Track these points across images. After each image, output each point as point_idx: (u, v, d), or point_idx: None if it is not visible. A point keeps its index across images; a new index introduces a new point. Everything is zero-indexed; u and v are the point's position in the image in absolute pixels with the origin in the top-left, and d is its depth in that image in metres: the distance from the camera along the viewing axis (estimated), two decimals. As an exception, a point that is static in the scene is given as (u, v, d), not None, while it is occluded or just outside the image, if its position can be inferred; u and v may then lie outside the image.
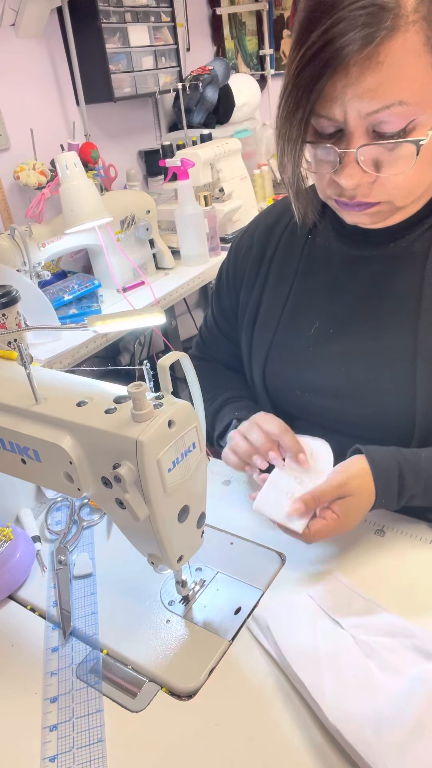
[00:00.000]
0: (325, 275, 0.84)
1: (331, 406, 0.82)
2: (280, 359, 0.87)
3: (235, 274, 0.96)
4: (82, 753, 0.55)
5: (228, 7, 2.86)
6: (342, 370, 0.80)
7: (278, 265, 0.89)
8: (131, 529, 0.60)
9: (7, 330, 0.83)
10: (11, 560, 0.73)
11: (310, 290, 0.86)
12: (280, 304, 0.88)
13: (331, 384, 0.81)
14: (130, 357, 2.28)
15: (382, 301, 0.78)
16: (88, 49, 2.06)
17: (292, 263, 0.88)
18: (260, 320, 0.91)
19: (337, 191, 0.69)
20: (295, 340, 0.86)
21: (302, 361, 0.84)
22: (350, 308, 0.81)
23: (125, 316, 0.68)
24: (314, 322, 0.84)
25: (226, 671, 0.60)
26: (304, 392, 0.85)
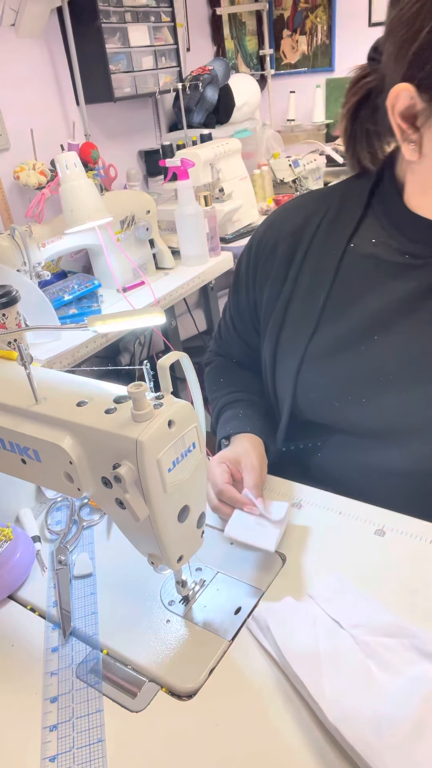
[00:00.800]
0: (369, 282, 0.79)
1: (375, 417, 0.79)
2: (314, 372, 0.83)
3: (256, 273, 0.91)
4: (82, 753, 0.55)
5: (228, 7, 2.86)
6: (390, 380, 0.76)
7: (311, 272, 0.84)
8: (131, 529, 0.60)
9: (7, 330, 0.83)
10: (11, 560, 0.73)
11: (351, 298, 0.80)
12: (315, 312, 0.82)
13: (378, 396, 0.77)
14: (130, 357, 2.28)
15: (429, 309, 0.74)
16: (88, 49, 2.06)
17: (328, 270, 0.82)
18: (288, 329, 0.85)
19: None
20: (333, 351, 0.81)
21: (342, 373, 0.80)
22: (399, 315, 0.76)
23: (125, 316, 0.68)
24: (355, 330, 0.79)
25: (226, 671, 0.60)
26: (343, 405, 0.80)
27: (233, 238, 2.16)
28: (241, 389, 0.97)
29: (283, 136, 2.93)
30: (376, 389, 0.78)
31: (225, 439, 0.89)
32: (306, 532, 0.76)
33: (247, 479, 0.78)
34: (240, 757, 0.53)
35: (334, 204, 0.84)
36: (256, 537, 0.72)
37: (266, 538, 0.72)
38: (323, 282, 0.82)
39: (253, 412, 0.92)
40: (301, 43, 3.10)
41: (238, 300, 0.96)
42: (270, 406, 0.94)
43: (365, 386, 0.79)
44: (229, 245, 2.12)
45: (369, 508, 0.78)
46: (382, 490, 0.80)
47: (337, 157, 2.69)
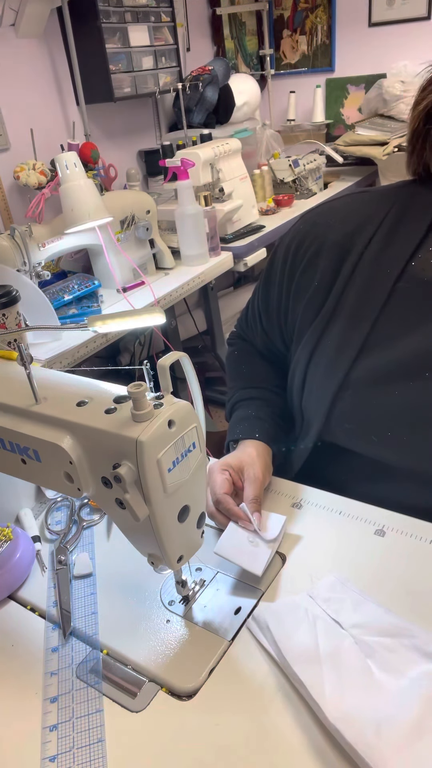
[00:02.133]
0: (425, 311, 0.71)
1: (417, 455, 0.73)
2: (354, 402, 0.76)
3: (292, 281, 0.83)
4: (82, 753, 0.55)
5: (228, 7, 2.86)
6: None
7: (357, 294, 0.75)
8: (131, 529, 0.60)
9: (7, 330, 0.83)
10: (11, 560, 0.73)
11: (402, 329, 0.72)
12: (356, 342, 0.75)
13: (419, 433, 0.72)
14: (130, 357, 2.28)
15: None
16: (88, 49, 2.06)
17: (377, 295, 0.74)
18: (324, 354, 0.78)
19: None
20: (378, 382, 0.74)
21: (385, 407, 0.73)
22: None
23: (125, 316, 0.68)
24: (404, 363, 0.72)
25: (226, 671, 0.60)
26: (381, 439, 0.74)
27: (233, 238, 2.16)
28: (259, 383, 0.93)
29: (283, 136, 2.93)
30: (420, 429, 0.72)
31: (233, 442, 0.86)
32: (306, 532, 0.76)
33: (248, 491, 0.76)
34: (240, 757, 0.53)
35: (393, 213, 0.75)
36: (245, 558, 0.70)
37: (255, 560, 0.70)
38: (373, 304, 0.74)
39: (265, 414, 0.87)
40: (301, 43, 3.10)
41: (268, 299, 0.89)
42: (287, 408, 0.92)
43: (408, 425, 0.73)
44: (229, 245, 2.12)
45: (369, 508, 0.78)
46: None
47: (337, 157, 2.69)
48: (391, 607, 0.63)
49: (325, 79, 3.10)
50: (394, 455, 0.76)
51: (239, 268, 2.10)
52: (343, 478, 0.85)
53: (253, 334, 0.99)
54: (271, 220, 2.32)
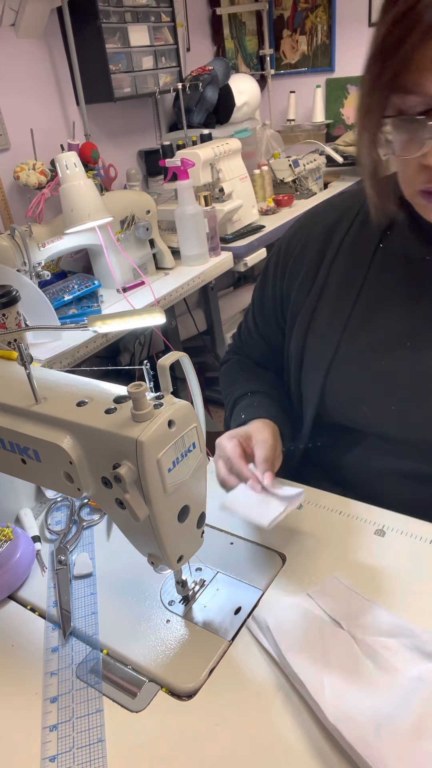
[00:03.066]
0: (401, 284, 0.77)
1: (405, 423, 0.77)
2: (344, 375, 0.81)
3: (285, 271, 0.89)
4: (82, 753, 0.55)
5: (228, 7, 2.86)
6: (418, 386, 0.74)
7: (341, 271, 0.82)
8: (131, 529, 0.60)
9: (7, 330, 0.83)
10: (11, 560, 0.73)
11: (382, 300, 0.79)
12: (344, 312, 0.80)
13: (404, 401, 0.76)
14: (130, 357, 2.29)
15: None
16: (88, 49, 2.06)
17: (358, 269, 0.80)
18: (317, 329, 0.84)
19: (427, 178, 0.62)
20: (364, 354, 0.79)
21: (372, 377, 0.78)
22: (429, 320, 0.74)
23: (125, 316, 0.68)
24: (387, 334, 0.77)
25: (226, 671, 0.60)
26: (373, 409, 0.78)
27: (233, 238, 2.16)
28: (258, 383, 0.94)
29: (283, 136, 2.93)
30: (407, 397, 0.76)
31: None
32: (306, 532, 0.76)
33: (258, 453, 0.75)
34: (240, 757, 0.53)
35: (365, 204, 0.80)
36: (254, 512, 0.68)
37: (264, 514, 0.68)
38: (355, 280, 0.80)
39: (269, 402, 0.89)
40: (301, 43, 3.10)
41: (264, 297, 0.94)
42: (288, 403, 0.93)
43: (396, 393, 0.77)
44: (229, 245, 2.12)
45: (369, 508, 0.78)
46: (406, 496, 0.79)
47: (337, 157, 2.69)
48: (391, 607, 0.63)
49: (325, 79, 3.10)
50: (385, 425, 0.79)
51: (239, 268, 2.10)
52: (342, 458, 0.86)
53: (249, 348, 1.02)
54: (271, 220, 2.32)
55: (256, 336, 0.98)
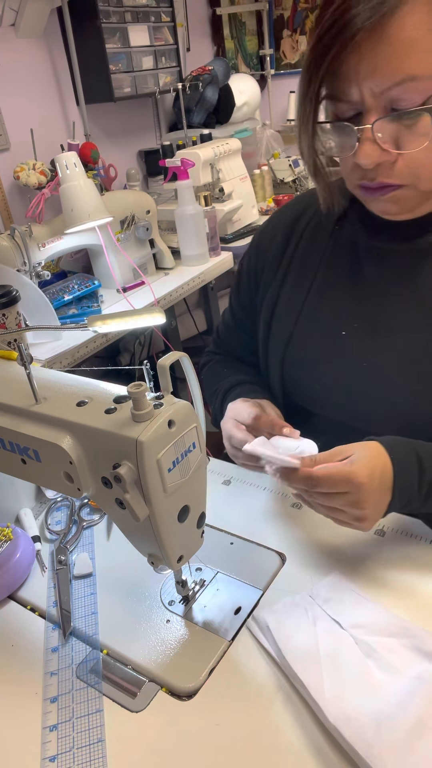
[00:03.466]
0: (350, 268, 0.82)
1: (350, 402, 0.81)
2: (299, 352, 0.86)
3: (257, 266, 0.94)
4: (82, 753, 0.55)
5: (228, 7, 2.86)
6: (364, 366, 0.78)
7: (301, 257, 0.88)
8: (131, 529, 0.60)
9: (7, 330, 0.83)
10: (11, 560, 0.73)
11: (333, 283, 0.84)
12: (302, 295, 0.86)
13: (353, 380, 0.80)
14: (130, 357, 2.28)
15: (409, 297, 0.77)
16: (88, 49, 2.06)
17: (315, 255, 0.86)
18: (279, 311, 0.89)
19: (360, 175, 0.68)
20: (317, 334, 0.84)
21: (323, 356, 0.83)
22: (375, 303, 0.79)
23: (125, 316, 0.68)
24: (337, 315, 0.82)
25: (226, 671, 0.60)
26: (323, 387, 0.83)
27: (233, 238, 2.16)
28: (245, 375, 0.96)
29: (283, 136, 2.92)
30: (352, 374, 0.80)
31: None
32: (306, 532, 0.76)
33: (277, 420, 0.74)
34: (240, 757, 0.53)
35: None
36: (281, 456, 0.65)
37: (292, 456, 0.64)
38: (310, 267, 0.86)
39: (261, 389, 0.92)
40: (301, 43, 3.09)
41: (240, 291, 0.99)
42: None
43: (342, 370, 0.81)
44: (229, 245, 2.12)
45: (369, 508, 0.78)
46: None
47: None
48: (391, 607, 0.63)
49: (325, 79, 3.09)
50: (336, 405, 0.83)
51: (239, 268, 2.10)
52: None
53: (228, 343, 1.04)
54: (270, 219, 2.32)
55: (235, 330, 1.02)
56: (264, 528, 0.78)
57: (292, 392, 0.88)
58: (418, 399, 0.74)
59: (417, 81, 0.59)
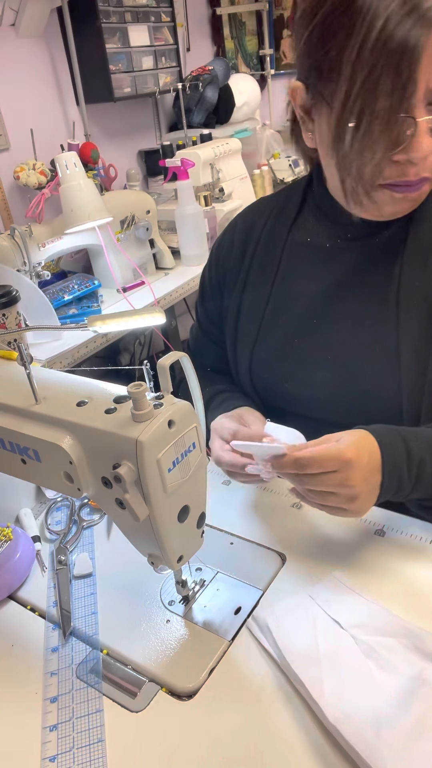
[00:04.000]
0: (306, 268, 0.85)
1: (319, 397, 0.83)
2: (265, 354, 0.88)
3: (218, 275, 0.97)
4: (82, 753, 0.55)
5: (228, 7, 2.86)
6: (328, 359, 0.81)
7: (259, 263, 0.90)
8: (131, 529, 0.60)
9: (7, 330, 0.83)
10: (11, 560, 0.73)
11: (292, 283, 0.87)
12: (263, 299, 0.88)
13: (318, 375, 0.82)
14: (130, 357, 2.28)
15: (363, 291, 0.80)
16: (88, 49, 2.06)
17: (273, 259, 0.89)
18: (243, 317, 0.91)
19: (399, 172, 0.67)
20: (280, 334, 0.86)
21: (288, 354, 0.85)
22: (332, 299, 0.82)
23: (125, 316, 0.68)
24: (297, 315, 0.85)
25: (226, 671, 0.60)
26: (292, 385, 0.85)
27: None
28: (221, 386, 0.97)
29: (283, 136, 2.92)
30: (316, 370, 0.82)
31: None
32: (306, 532, 0.76)
33: (258, 428, 0.76)
34: (240, 757, 0.53)
35: (279, 202, 0.92)
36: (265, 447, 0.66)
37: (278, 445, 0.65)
38: (269, 271, 0.89)
39: (240, 396, 0.93)
40: (301, 43, 3.09)
41: (205, 303, 1.01)
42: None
43: (306, 367, 0.83)
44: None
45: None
46: None
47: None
48: (391, 607, 0.63)
49: (325, 79, 3.09)
50: (305, 400, 0.85)
51: (239, 268, 2.10)
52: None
53: (200, 356, 1.03)
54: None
55: (203, 341, 1.03)
56: (264, 528, 0.78)
57: (264, 394, 0.90)
58: (386, 390, 0.76)
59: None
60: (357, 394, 0.79)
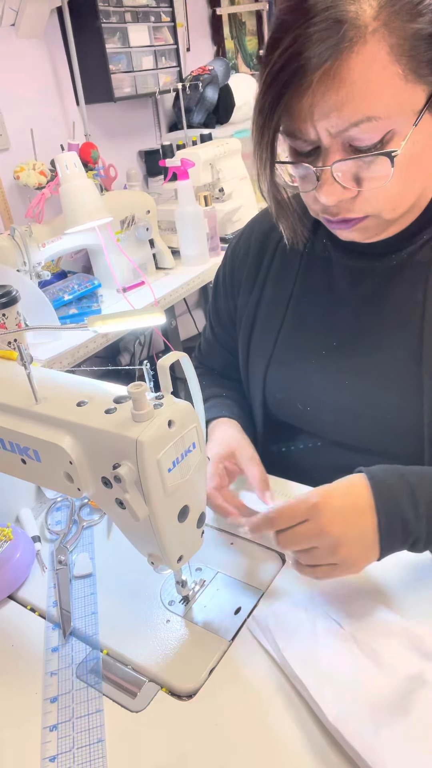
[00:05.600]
0: (325, 287, 0.81)
1: (333, 420, 0.80)
2: (280, 373, 0.85)
3: (232, 280, 0.94)
4: (82, 753, 0.55)
5: (228, 7, 2.86)
6: (346, 384, 0.78)
7: (275, 275, 0.87)
8: (131, 529, 0.60)
9: (7, 330, 0.83)
10: (11, 560, 0.73)
11: (310, 302, 0.83)
12: (279, 315, 0.86)
13: (334, 399, 0.79)
14: (130, 357, 2.28)
15: (384, 314, 0.76)
16: (88, 49, 2.06)
17: (290, 273, 0.85)
18: (258, 331, 0.88)
19: (322, 208, 0.67)
20: (296, 354, 0.83)
21: (304, 376, 0.82)
22: (352, 321, 0.78)
23: (125, 316, 0.68)
24: (316, 335, 0.81)
25: (226, 671, 0.60)
26: (305, 406, 0.83)
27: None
28: (218, 389, 0.96)
29: (283, 136, 2.92)
30: (332, 394, 0.79)
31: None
32: (306, 532, 0.76)
33: (252, 472, 0.77)
34: (240, 757, 0.53)
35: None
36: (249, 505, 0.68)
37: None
38: (287, 285, 0.85)
39: (231, 403, 0.92)
40: (301, 43, 3.09)
41: (218, 308, 0.98)
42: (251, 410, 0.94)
43: (322, 390, 0.80)
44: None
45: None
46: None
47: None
48: (391, 607, 0.63)
49: (325, 79, 3.09)
50: (317, 422, 0.83)
51: (239, 268, 2.10)
52: (294, 457, 0.89)
53: (210, 359, 1.03)
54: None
55: (216, 347, 1.01)
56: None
57: (275, 411, 0.88)
58: (401, 415, 0.74)
59: (374, 121, 0.57)
60: (376, 421, 0.76)
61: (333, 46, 0.55)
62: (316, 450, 0.86)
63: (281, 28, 0.58)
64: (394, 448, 0.75)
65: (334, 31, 0.54)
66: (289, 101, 0.59)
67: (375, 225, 0.69)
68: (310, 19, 0.55)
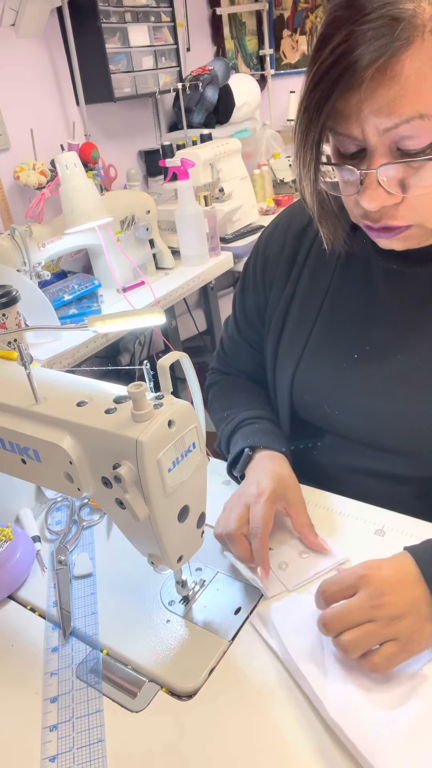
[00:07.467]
0: (362, 289, 0.79)
1: (364, 426, 0.79)
2: (310, 375, 0.83)
3: (264, 273, 0.90)
4: (82, 753, 0.55)
5: (228, 7, 2.86)
6: (379, 389, 0.76)
7: (310, 273, 0.84)
8: (131, 529, 0.60)
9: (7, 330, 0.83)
10: (11, 560, 0.73)
11: (345, 303, 0.81)
12: (312, 315, 0.83)
13: (366, 403, 0.78)
14: (130, 357, 2.28)
15: (424, 321, 0.73)
16: (88, 49, 2.06)
17: (325, 272, 0.82)
18: (289, 330, 0.86)
19: (364, 213, 0.65)
20: (327, 357, 0.81)
21: (335, 378, 0.80)
22: (390, 326, 0.76)
23: (125, 316, 0.68)
24: (348, 338, 0.79)
25: (226, 671, 0.60)
26: (333, 410, 0.81)
27: (233, 238, 2.16)
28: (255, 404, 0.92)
29: (283, 136, 2.92)
30: (364, 398, 0.78)
31: (249, 449, 0.82)
32: (306, 532, 0.76)
33: (298, 517, 0.73)
34: (240, 757, 0.53)
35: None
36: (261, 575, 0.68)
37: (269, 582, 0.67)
38: (321, 284, 0.83)
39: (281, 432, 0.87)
40: (301, 43, 3.10)
41: (245, 301, 0.95)
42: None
43: (353, 394, 0.79)
44: (229, 245, 2.12)
45: (369, 508, 0.78)
46: (376, 491, 0.80)
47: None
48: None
49: (325, 79, 3.09)
50: (346, 426, 0.81)
51: (239, 268, 2.10)
52: (319, 458, 0.87)
53: (235, 359, 1.00)
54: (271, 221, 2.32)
55: (241, 344, 0.98)
56: (264, 528, 0.78)
57: (302, 413, 0.86)
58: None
59: (426, 120, 0.55)
60: (407, 429, 0.75)
61: (388, 44, 0.53)
62: (339, 451, 0.84)
63: (333, 24, 0.56)
64: (426, 452, 0.74)
65: (390, 29, 0.53)
66: (338, 99, 0.58)
67: (419, 235, 0.66)
68: (364, 16, 0.53)
